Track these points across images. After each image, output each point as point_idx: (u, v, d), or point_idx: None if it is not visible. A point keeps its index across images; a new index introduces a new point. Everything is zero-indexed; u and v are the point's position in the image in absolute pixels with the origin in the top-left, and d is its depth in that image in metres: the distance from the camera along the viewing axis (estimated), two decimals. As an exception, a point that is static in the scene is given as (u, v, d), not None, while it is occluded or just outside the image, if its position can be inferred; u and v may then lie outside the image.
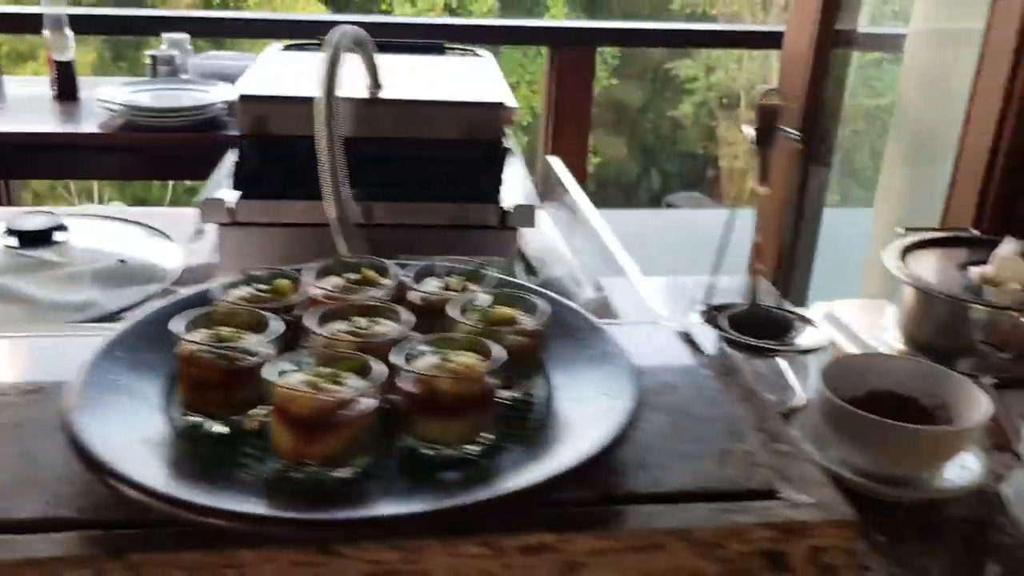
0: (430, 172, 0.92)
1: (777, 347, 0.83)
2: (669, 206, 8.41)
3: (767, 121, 0.88)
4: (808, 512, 0.54)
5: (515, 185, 1.01)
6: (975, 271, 0.96)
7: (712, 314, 0.89)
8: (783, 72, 2.19)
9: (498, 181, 0.93)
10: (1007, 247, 0.95)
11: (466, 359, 0.54)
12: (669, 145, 10.26)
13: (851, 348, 0.98)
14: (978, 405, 0.72)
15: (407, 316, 0.59)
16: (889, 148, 2.18)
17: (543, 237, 1.18)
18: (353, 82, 0.93)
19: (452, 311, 0.59)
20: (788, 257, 2.14)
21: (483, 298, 0.62)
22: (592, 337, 0.65)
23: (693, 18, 9.20)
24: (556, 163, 1.21)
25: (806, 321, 0.88)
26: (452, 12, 9.19)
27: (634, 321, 0.80)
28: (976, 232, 1.06)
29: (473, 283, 0.65)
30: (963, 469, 0.74)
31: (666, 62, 9.76)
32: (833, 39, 2.09)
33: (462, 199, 0.92)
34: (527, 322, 0.60)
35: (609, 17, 9.12)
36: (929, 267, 0.97)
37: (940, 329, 0.92)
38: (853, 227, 2.26)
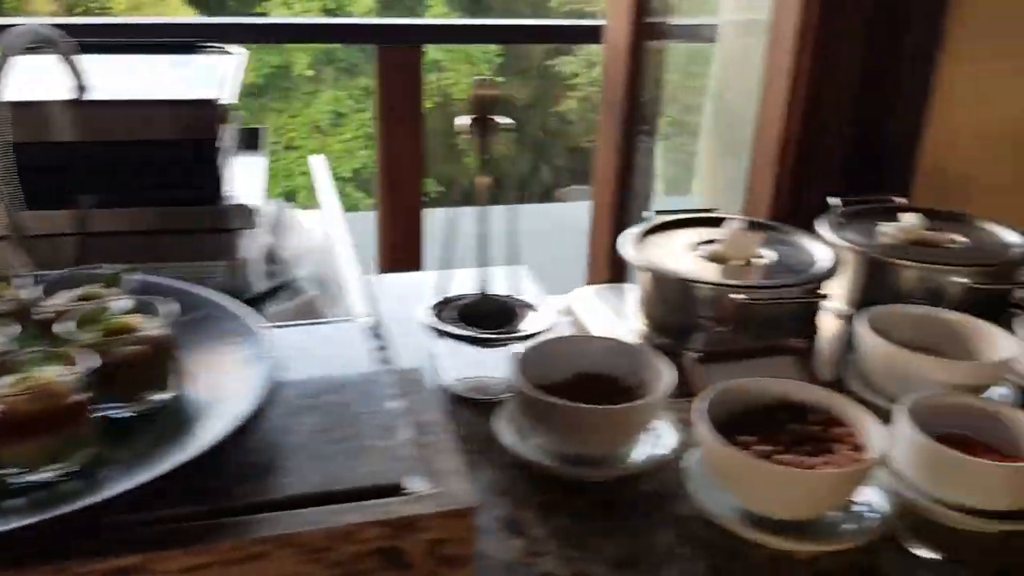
0: (140, 175, 0.88)
1: (491, 336, 0.83)
2: (559, 200, 8.56)
3: (484, 111, 0.88)
4: (426, 505, 0.53)
5: (248, 185, 0.97)
6: (707, 249, 0.98)
7: (442, 306, 0.88)
8: (606, 64, 2.23)
9: (213, 182, 0.89)
10: (735, 225, 0.98)
11: (48, 373, 0.50)
12: (558, 140, 10.38)
13: (594, 332, 0.98)
14: (665, 380, 0.73)
15: (10, 331, 0.55)
16: (706, 137, 2.24)
17: (310, 237, 1.14)
18: (60, 85, 0.88)
19: (62, 323, 0.55)
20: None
21: (113, 306, 0.59)
22: (242, 341, 0.62)
23: (572, 15, 9.32)
24: (318, 163, 1.18)
25: (532, 308, 0.88)
26: (330, 12, 9.04)
27: (327, 320, 0.78)
28: (723, 213, 1.09)
29: (110, 290, 0.61)
30: (661, 444, 0.75)
31: (547, 59, 9.87)
32: (647, 32, 2.13)
33: (175, 202, 0.88)
34: (150, 329, 0.57)
35: (490, 16, 9.14)
36: (666, 248, 0.99)
37: (670, 308, 0.94)
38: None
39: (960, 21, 1.70)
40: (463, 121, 0.87)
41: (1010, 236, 1.05)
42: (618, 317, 1.01)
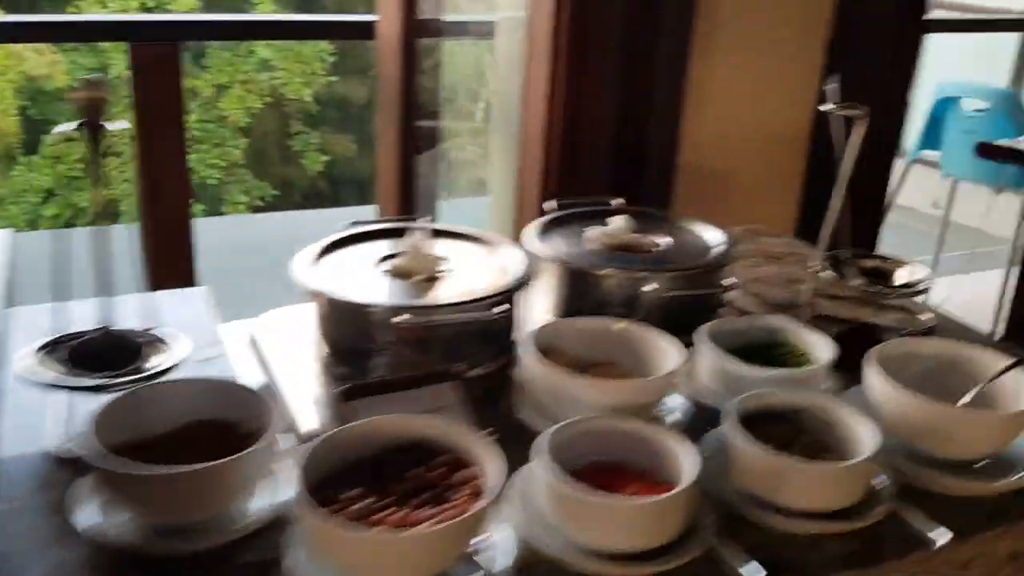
0: None
1: (100, 381, 0.70)
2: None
3: (92, 116, 0.75)
4: None
5: None
6: (391, 264, 0.89)
7: (53, 347, 0.74)
8: (380, 61, 2.13)
9: None
10: (416, 236, 0.89)
11: None
12: (399, 141, 10.19)
13: (272, 362, 0.87)
14: (273, 426, 0.63)
15: None
16: (490, 138, 2.18)
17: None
18: None
19: None
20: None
21: None
22: None
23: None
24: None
25: (163, 342, 0.76)
26: (148, 11, 8.48)
27: None
28: (404, 223, 0.98)
29: None
30: (280, 499, 0.64)
31: (382, 57, 9.68)
32: (420, 28, 2.05)
33: None
34: None
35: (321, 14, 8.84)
36: (345, 265, 0.89)
37: (343, 332, 0.84)
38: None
39: (710, 21, 1.71)
40: (66, 128, 0.74)
41: (714, 237, 1.02)
42: (303, 343, 0.90)
